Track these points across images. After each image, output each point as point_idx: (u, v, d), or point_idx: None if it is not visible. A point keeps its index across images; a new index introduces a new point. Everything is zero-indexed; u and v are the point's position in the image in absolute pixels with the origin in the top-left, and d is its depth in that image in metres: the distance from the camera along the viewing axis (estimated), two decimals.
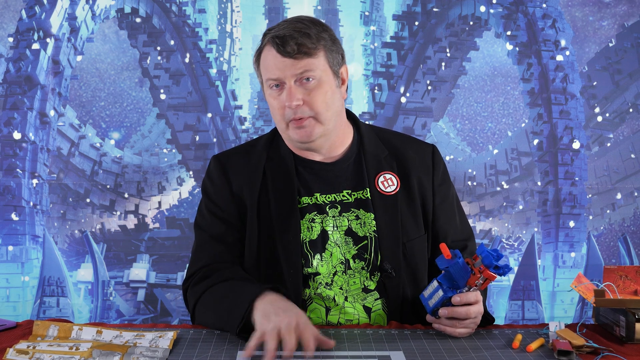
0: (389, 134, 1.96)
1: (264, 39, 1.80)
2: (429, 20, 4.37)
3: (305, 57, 1.73)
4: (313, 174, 1.85)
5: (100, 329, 1.59)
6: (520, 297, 4.23)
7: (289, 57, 1.73)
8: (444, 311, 1.63)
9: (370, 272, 1.82)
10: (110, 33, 4.34)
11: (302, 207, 1.82)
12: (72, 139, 4.26)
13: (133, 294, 4.22)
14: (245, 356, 1.49)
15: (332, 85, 1.79)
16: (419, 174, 1.88)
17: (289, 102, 1.73)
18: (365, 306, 1.82)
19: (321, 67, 1.76)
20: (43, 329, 1.60)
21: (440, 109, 4.42)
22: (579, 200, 4.25)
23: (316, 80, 1.75)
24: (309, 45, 1.74)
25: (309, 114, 1.75)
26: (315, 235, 1.81)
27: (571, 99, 4.29)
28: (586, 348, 1.57)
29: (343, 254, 1.81)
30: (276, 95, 1.77)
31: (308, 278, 1.81)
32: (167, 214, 4.36)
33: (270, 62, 1.76)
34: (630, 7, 4.37)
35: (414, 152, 1.91)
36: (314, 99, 1.75)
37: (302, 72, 1.73)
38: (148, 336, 1.57)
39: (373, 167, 1.86)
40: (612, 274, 1.78)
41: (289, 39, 1.73)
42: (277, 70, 1.74)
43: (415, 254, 1.85)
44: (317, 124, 1.76)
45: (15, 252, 4.06)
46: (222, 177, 1.86)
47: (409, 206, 1.85)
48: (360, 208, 1.83)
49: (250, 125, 4.40)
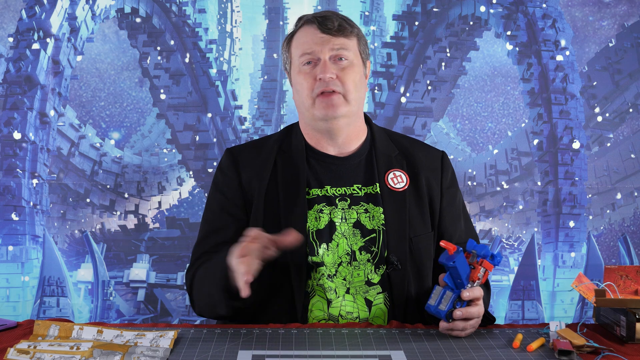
0: (400, 136, 2.03)
1: (298, 23, 1.88)
2: (429, 20, 4.37)
3: (342, 36, 1.83)
4: (325, 167, 1.89)
5: (101, 329, 1.60)
6: (520, 297, 4.23)
7: (327, 34, 1.81)
8: (458, 312, 1.64)
9: (375, 265, 1.83)
10: (110, 33, 4.34)
11: (311, 198, 1.86)
12: (72, 139, 4.26)
13: (133, 294, 4.22)
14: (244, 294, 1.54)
15: (361, 72, 1.87)
16: (427, 174, 1.93)
17: (323, 74, 1.80)
18: (367, 299, 1.83)
19: (354, 51, 1.85)
20: (44, 329, 1.60)
21: (440, 109, 4.42)
22: (579, 200, 4.25)
23: (349, 61, 1.83)
24: (347, 26, 1.84)
25: (339, 89, 1.81)
26: (322, 225, 1.84)
27: (571, 99, 4.29)
28: (587, 348, 1.57)
29: (350, 245, 1.83)
30: (308, 70, 1.83)
31: (311, 268, 1.82)
32: (167, 214, 4.36)
33: (308, 38, 1.83)
34: (630, 7, 4.37)
35: (423, 154, 1.97)
36: (346, 77, 1.82)
37: (339, 49, 1.82)
38: (149, 336, 1.57)
39: (383, 164, 1.91)
40: (612, 274, 1.79)
41: (330, 18, 1.83)
42: (315, 44, 1.82)
43: (421, 249, 1.87)
44: (344, 101, 1.82)
45: (15, 252, 4.06)
46: (232, 169, 1.92)
47: (417, 203, 1.89)
48: (370, 202, 1.87)
49: (250, 125, 4.40)
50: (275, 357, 1.52)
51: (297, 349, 1.57)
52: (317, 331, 1.70)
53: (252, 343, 1.62)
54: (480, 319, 1.69)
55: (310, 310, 1.82)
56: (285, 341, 1.63)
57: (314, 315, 1.81)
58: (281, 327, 1.73)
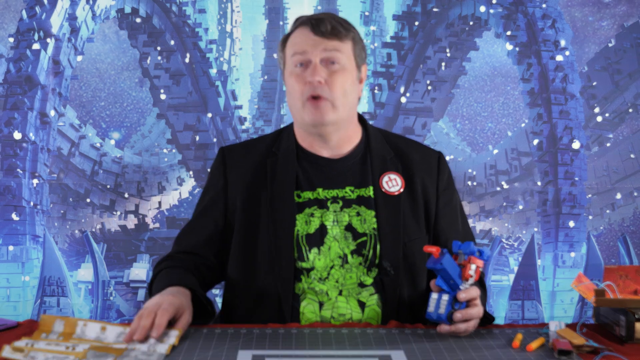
0: (396, 138, 1.99)
1: (295, 24, 1.86)
2: (429, 20, 4.37)
3: (335, 39, 1.79)
4: (317, 169, 1.87)
5: (105, 326, 1.59)
6: (520, 297, 4.23)
7: (320, 36, 1.78)
8: (458, 315, 1.64)
9: (367, 269, 1.82)
10: (111, 33, 4.35)
11: (302, 201, 1.84)
12: (72, 139, 4.26)
13: (133, 293, 4.22)
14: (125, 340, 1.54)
15: (353, 76, 1.83)
16: (423, 176, 1.90)
17: (312, 77, 1.77)
18: (360, 301, 1.83)
19: (347, 55, 1.81)
20: (49, 324, 1.60)
21: (440, 109, 4.42)
22: (579, 200, 4.25)
23: (340, 65, 1.79)
24: (341, 29, 1.80)
25: (327, 95, 1.78)
26: (312, 230, 1.82)
27: (571, 99, 4.29)
28: (586, 347, 1.57)
29: (342, 248, 1.82)
30: (299, 72, 1.80)
31: (301, 272, 1.81)
32: (167, 214, 4.36)
33: (301, 39, 1.81)
34: (629, 8, 4.37)
35: (419, 156, 1.94)
36: (334, 82, 1.78)
37: (331, 52, 1.79)
38: (150, 340, 1.56)
39: (378, 166, 1.89)
40: (612, 274, 1.78)
41: (324, 21, 1.80)
42: (307, 46, 1.79)
43: (415, 254, 1.86)
44: (331, 108, 1.80)
45: (15, 252, 4.06)
46: (219, 171, 1.91)
47: (412, 207, 1.87)
48: (362, 205, 1.85)
49: (250, 125, 4.41)
50: (275, 357, 1.52)
51: (297, 349, 1.57)
52: (317, 331, 1.70)
53: (252, 343, 1.62)
54: (479, 320, 1.69)
55: (302, 313, 1.81)
56: (285, 341, 1.63)
57: (306, 317, 1.80)
58: (281, 327, 1.73)
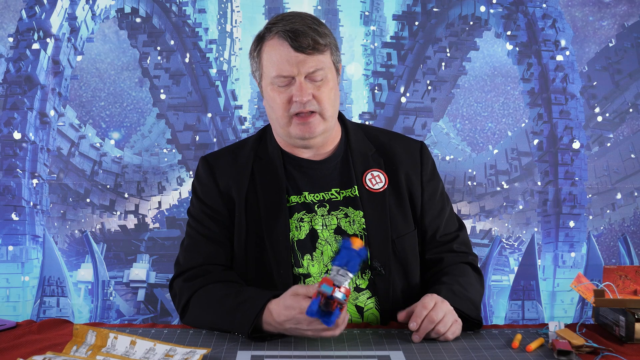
0: (377, 131, 1.97)
1: (268, 32, 1.78)
2: (429, 20, 4.37)
3: (316, 54, 1.75)
4: (302, 172, 1.85)
5: (135, 340, 1.55)
6: (520, 297, 4.23)
7: (302, 53, 1.73)
8: (412, 324, 1.63)
9: (361, 270, 1.81)
10: (110, 33, 4.35)
11: (290, 205, 1.83)
12: (72, 139, 4.26)
13: (133, 294, 4.22)
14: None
15: (335, 83, 1.81)
16: (407, 170, 1.88)
17: (300, 97, 1.73)
18: (358, 306, 1.82)
19: (328, 65, 1.78)
20: (82, 335, 1.56)
21: (440, 109, 4.42)
22: (579, 200, 4.25)
23: (324, 78, 1.77)
24: (321, 42, 1.75)
25: (316, 109, 1.76)
26: (303, 235, 1.81)
27: (571, 99, 4.29)
28: (586, 348, 1.57)
29: (334, 252, 1.81)
30: (283, 89, 1.76)
31: (298, 279, 1.80)
32: (167, 214, 4.36)
33: (281, 57, 1.74)
34: (630, 7, 4.37)
35: (402, 148, 1.91)
36: (322, 95, 1.76)
37: (315, 69, 1.74)
38: (176, 357, 1.51)
39: (360, 164, 1.87)
40: (612, 274, 1.78)
41: (303, 35, 1.73)
42: (289, 65, 1.73)
43: (406, 249, 1.85)
44: (321, 120, 1.78)
45: (15, 252, 4.06)
46: (209, 178, 1.87)
47: (398, 202, 1.85)
48: (349, 206, 1.84)
49: (250, 125, 4.41)
50: (275, 357, 1.52)
51: (296, 349, 1.57)
52: None
53: (251, 343, 1.62)
54: (450, 321, 1.64)
55: None
56: (284, 341, 1.63)
57: None
58: None
